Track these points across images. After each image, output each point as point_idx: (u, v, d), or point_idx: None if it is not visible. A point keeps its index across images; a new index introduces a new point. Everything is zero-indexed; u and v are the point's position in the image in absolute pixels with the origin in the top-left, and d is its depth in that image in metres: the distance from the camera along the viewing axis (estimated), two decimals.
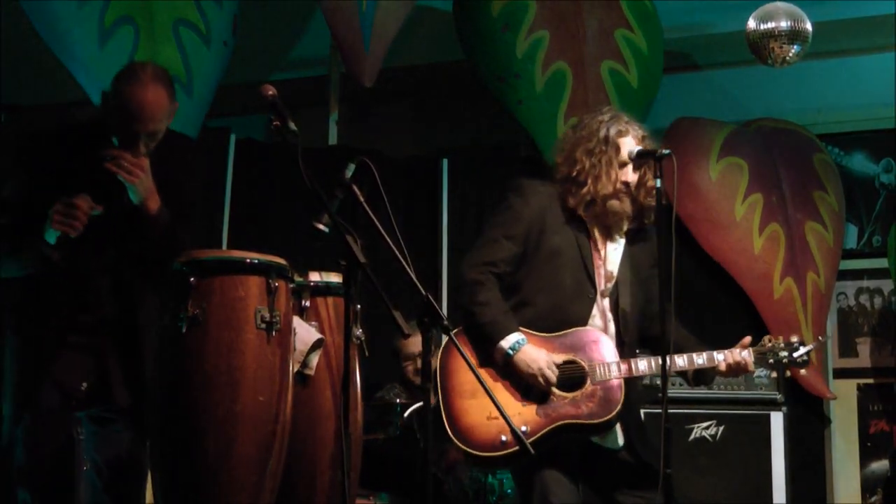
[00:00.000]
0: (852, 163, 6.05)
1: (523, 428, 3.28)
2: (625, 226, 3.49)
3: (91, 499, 3.22)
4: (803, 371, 3.58)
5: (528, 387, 3.34)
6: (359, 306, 3.14)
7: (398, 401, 4.79)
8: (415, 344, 4.93)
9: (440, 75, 6.39)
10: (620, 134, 3.46)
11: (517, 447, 3.21)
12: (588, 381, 3.34)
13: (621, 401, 3.31)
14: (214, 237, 5.50)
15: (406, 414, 4.50)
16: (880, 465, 5.76)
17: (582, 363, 3.36)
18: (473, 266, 3.41)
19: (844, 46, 5.94)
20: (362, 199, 2.94)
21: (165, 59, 4.93)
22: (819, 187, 5.75)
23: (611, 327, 3.44)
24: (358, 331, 3.19)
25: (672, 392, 4.81)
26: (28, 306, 3.18)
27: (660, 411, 3.20)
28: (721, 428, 5.06)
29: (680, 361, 3.39)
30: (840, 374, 5.88)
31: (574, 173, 3.46)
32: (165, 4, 5.18)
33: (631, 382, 3.40)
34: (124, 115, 3.06)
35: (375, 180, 2.94)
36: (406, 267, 2.89)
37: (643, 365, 3.34)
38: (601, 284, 3.44)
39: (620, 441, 3.40)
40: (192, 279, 2.92)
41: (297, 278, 3.17)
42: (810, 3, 5.21)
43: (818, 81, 5.98)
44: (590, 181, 3.43)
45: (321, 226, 2.89)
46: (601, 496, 3.43)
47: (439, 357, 3.38)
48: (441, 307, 5.14)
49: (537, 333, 3.37)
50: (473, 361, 3.28)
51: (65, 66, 5.20)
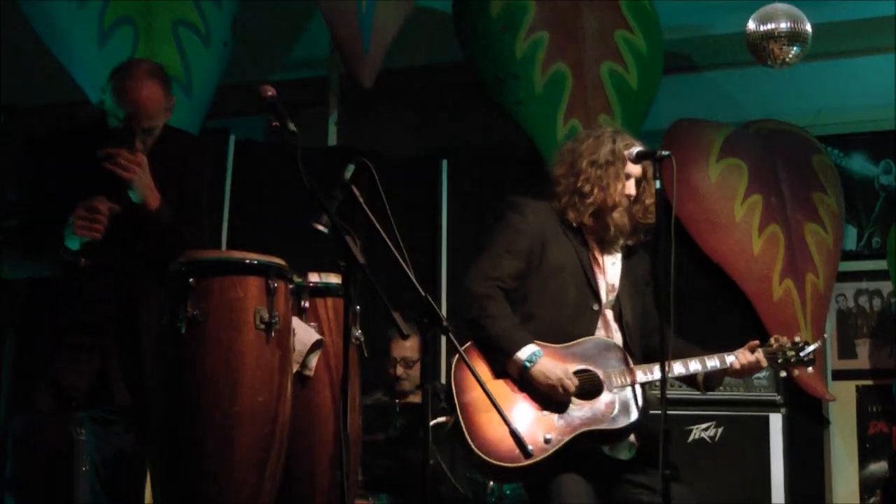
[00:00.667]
0: (852, 164, 6.05)
1: (547, 436, 3.30)
2: (621, 241, 3.53)
3: (90, 499, 3.22)
4: (809, 369, 3.58)
5: (546, 397, 3.34)
6: (358, 307, 3.14)
7: (397, 401, 4.79)
8: (403, 348, 4.93)
9: (440, 76, 6.39)
10: (627, 146, 3.47)
11: (541, 457, 3.26)
12: (605, 389, 3.36)
13: (639, 407, 3.35)
14: (213, 237, 5.50)
15: (431, 425, 4.48)
16: (879, 467, 5.76)
17: (596, 372, 3.37)
18: (480, 280, 3.41)
19: (844, 48, 5.94)
20: (361, 200, 2.94)
21: (165, 60, 4.89)
22: (818, 189, 5.75)
23: (617, 337, 3.47)
24: (357, 332, 3.19)
25: (671, 394, 4.79)
26: (30, 306, 3.17)
27: (659, 413, 3.21)
28: (720, 429, 5.06)
29: (693, 365, 3.42)
30: (839, 376, 5.88)
31: (579, 184, 3.47)
32: (165, 5, 5.18)
33: (645, 389, 3.42)
34: (120, 113, 3.05)
35: (375, 181, 2.94)
36: (405, 267, 2.89)
37: (658, 371, 3.30)
38: (605, 297, 3.47)
39: (632, 452, 3.43)
40: (191, 279, 2.92)
41: (297, 279, 3.17)
42: (810, 5, 5.21)
43: (818, 83, 5.98)
44: (596, 191, 3.44)
45: (320, 226, 2.88)
46: (607, 500, 3.44)
47: (452, 374, 3.39)
48: (440, 308, 5.14)
49: (548, 344, 3.39)
50: (488, 375, 3.34)
51: (64, 67, 5.20)
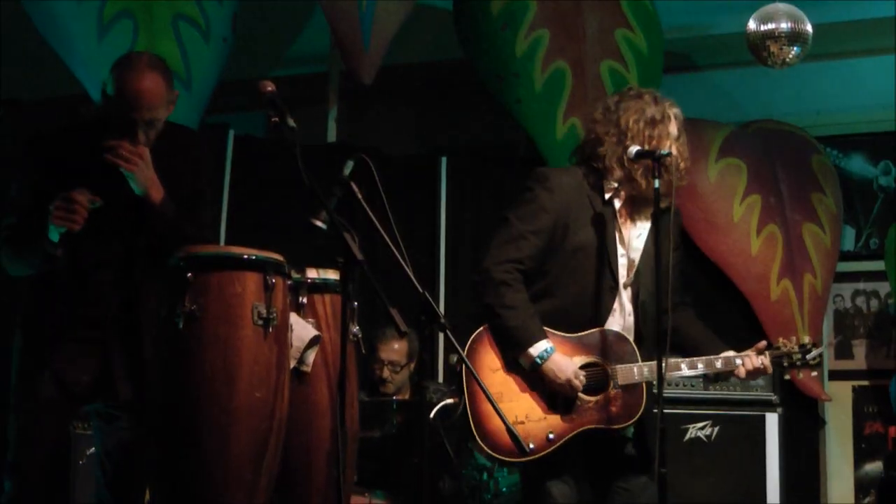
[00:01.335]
0: (851, 165, 6.06)
1: (551, 434, 3.31)
2: (651, 207, 3.42)
3: (94, 494, 3.22)
4: (814, 373, 3.60)
5: (554, 393, 3.34)
6: (356, 304, 3.14)
7: (395, 398, 4.80)
8: (392, 351, 4.93)
9: (440, 74, 6.39)
10: (672, 106, 3.46)
11: (543, 452, 3.28)
12: (611, 385, 3.35)
13: (643, 404, 3.33)
14: (212, 233, 5.49)
15: (434, 413, 4.50)
16: (874, 467, 5.77)
17: (605, 366, 3.36)
18: (499, 264, 3.34)
19: (844, 49, 5.94)
20: (360, 197, 2.94)
21: (164, 55, 4.85)
22: (817, 189, 5.76)
23: (629, 321, 3.42)
24: (355, 328, 3.20)
25: (668, 392, 4.80)
26: (33, 302, 3.17)
27: (656, 412, 3.21)
28: (716, 428, 5.06)
29: (700, 365, 3.40)
30: (835, 376, 5.89)
31: (627, 142, 3.37)
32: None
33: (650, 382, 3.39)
34: (121, 104, 3.05)
35: (374, 178, 2.94)
36: (403, 264, 2.89)
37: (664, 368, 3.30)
38: (623, 276, 3.42)
39: (630, 431, 3.40)
40: (189, 275, 2.91)
41: (295, 275, 3.17)
42: (810, 5, 5.21)
43: (817, 83, 5.99)
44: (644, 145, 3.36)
45: (319, 223, 2.89)
46: (599, 480, 3.44)
47: (465, 353, 3.35)
48: (438, 305, 5.15)
49: (559, 333, 3.35)
50: (500, 364, 3.32)
51: (63, 61, 5.20)
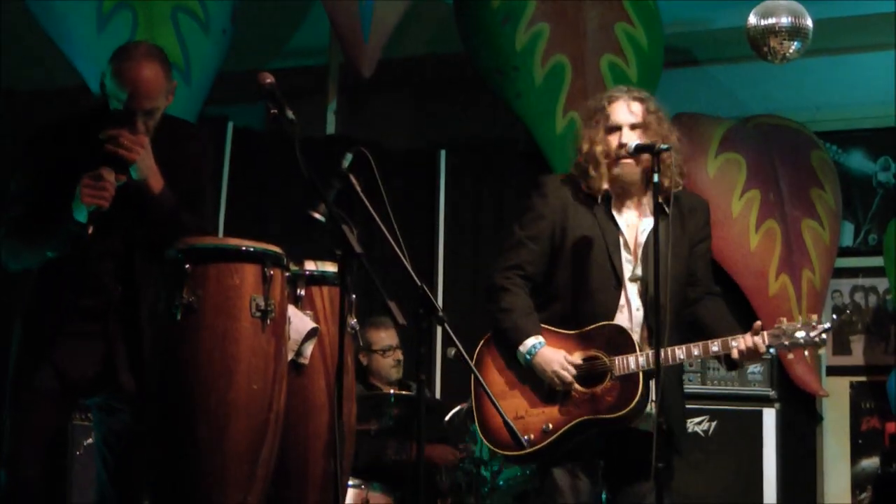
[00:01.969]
0: (850, 161, 6.06)
1: (547, 425, 3.36)
2: (647, 199, 3.46)
3: (95, 488, 3.22)
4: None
5: (549, 387, 3.40)
6: (354, 296, 3.14)
7: (392, 392, 4.79)
8: (390, 336, 4.93)
9: (439, 67, 6.38)
10: (611, 100, 3.48)
11: (540, 445, 3.35)
12: (608, 377, 3.36)
13: (639, 393, 3.32)
14: (211, 225, 5.49)
15: (450, 416, 4.51)
16: (871, 463, 5.78)
17: (604, 358, 3.37)
18: (499, 271, 3.50)
19: (844, 44, 5.93)
20: (359, 190, 2.94)
21: (163, 47, 4.89)
22: (816, 185, 5.76)
23: (637, 316, 3.43)
24: (353, 320, 3.19)
25: None
26: (34, 294, 3.16)
27: (665, 401, 3.21)
28: (714, 423, 5.07)
29: (695, 351, 3.38)
30: (833, 372, 5.90)
31: (583, 154, 3.47)
32: None
33: (666, 373, 3.34)
34: (120, 94, 3.03)
35: (373, 171, 2.94)
36: (402, 258, 2.89)
37: (660, 357, 3.29)
38: (627, 272, 3.43)
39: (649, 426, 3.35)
40: (187, 266, 2.91)
41: (293, 267, 3.17)
42: (811, 0, 5.21)
43: (817, 79, 5.98)
44: (586, 147, 3.45)
45: (317, 215, 2.88)
46: (620, 478, 3.45)
47: (475, 357, 3.48)
48: (436, 298, 5.14)
49: (561, 331, 3.42)
50: (502, 363, 3.45)
51: (62, 53, 5.19)
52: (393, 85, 6.42)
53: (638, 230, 3.46)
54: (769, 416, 5.06)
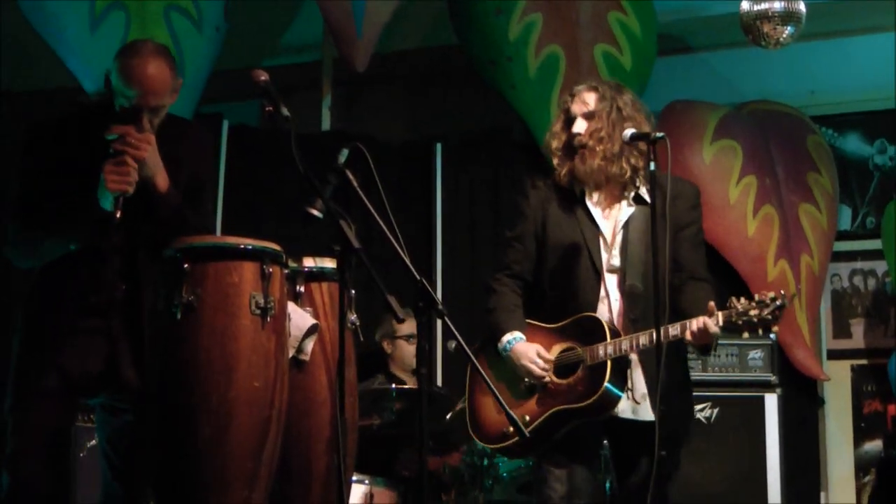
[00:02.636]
0: (846, 144, 6.05)
1: (525, 418, 3.41)
2: (622, 188, 3.48)
3: (103, 489, 3.22)
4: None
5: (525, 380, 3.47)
6: (353, 291, 3.14)
7: (394, 386, 4.79)
8: (411, 325, 4.93)
9: (433, 60, 6.37)
10: (574, 94, 3.56)
11: (515, 438, 3.40)
12: (581, 367, 3.39)
13: (605, 381, 3.32)
14: (212, 222, 5.49)
15: (450, 416, 4.53)
16: (874, 446, 5.79)
17: (578, 349, 3.41)
18: (492, 272, 3.62)
19: (838, 27, 5.93)
20: (356, 185, 2.94)
21: None
22: (813, 169, 5.75)
23: (617, 307, 3.45)
24: (352, 316, 3.19)
25: None
26: (38, 291, 3.14)
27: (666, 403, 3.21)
28: (716, 410, 5.08)
29: (657, 336, 3.33)
30: (834, 356, 5.90)
31: (544, 149, 3.60)
32: None
33: (648, 361, 3.36)
34: (127, 91, 3.02)
35: (369, 165, 2.94)
36: (400, 252, 2.89)
37: (625, 344, 3.33)
38: (605, 263, 3.46)
39: (650, 415, 3.35)
40: (186, 265, 2.91)
41: (292, 264, 3.17)
42: None
43: (812, 63, 5.98)
44: (550, 142, 3.55)
45: (315, 211, 2.88)
46: (620, 469, 3.49)
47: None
48: (435, 292, 5.14)
49: (543, 325, 3.48)
50: (488, 362, 3.52)
51: (55, 53, 5.18)
52: (387, 79, 6.41)
53: (615, 220, 3.49)
54: (771, 402, 5.05)
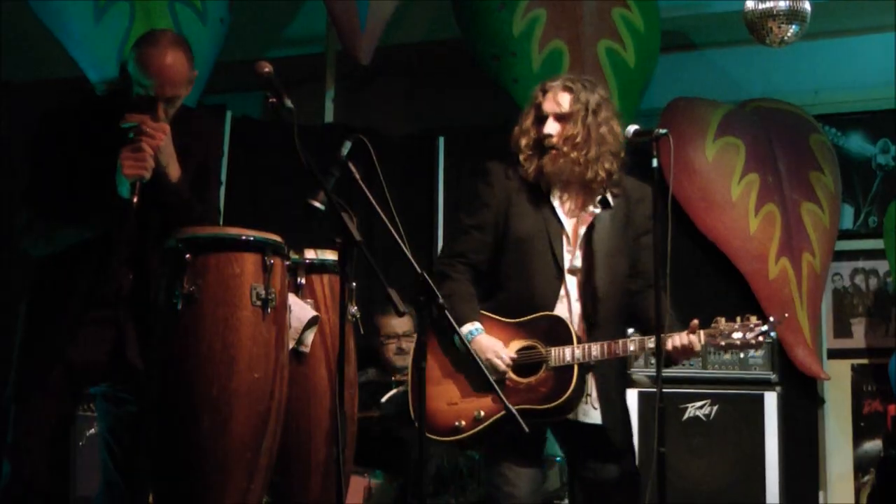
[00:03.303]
0: (849, 143, 6.04)
1: (479, 413, 3.35)
2: (588, 189, 3.44)
3: (103, 478, 3.22)
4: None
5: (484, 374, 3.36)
6: (354, 284, 3.14)
7: (393, 378, 4.80)
8: (399, 324, 4.93)
9: (437, 53, 6.37)
10: (546, 89, 3.48)
11: (469, 432, 3.36)
12: (543, 367, 3.35)
13: (572, 386, 3.30)
14: (218, 214, 5.49)
15: (384, 400, 4.51)
16: (873, 445, 5.79)
17: (540, 349, 3.36)
18: (442, 257, 3.53)
19: (842, 27, 5.92)
20: (358, 177, 2.94)
21: None
22: (815, 168, 5.75)
23: (576, 308, 3.42)
24: (353, 308, 3.20)
25: (666, 372, 4.79)
26: (43, 280, 3.14)
27: (655, 391, 3.20)
28: (715, 408, 5.07)
29: (631, 346, 3.35)
30: (834, 355, 5.90)
31: (512, 142, 3.51)
32: None
33: (602, 366, 3.37)
34: (144, 80, 3.02)
35: (371, 158, 2.94)
36: (402, 245, 2.89)
37: (596, 350, 3.32)
38: (567, 263, 3.42)
39: (599, 419, 3.40)
40: (188, 256, 2.92)
41: (293, 255, 3.17)
42: None
43: (816, 62, 5.97)
44: (518, 139, 3.49)
45: (317, 203, 2.88)
46: (578, 465, 3.47)
47: (415, 343, 3.42)
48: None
49: (502, 319, 3.40)
50: (439, 349, 3.44)
51: (59, 42, 5.18)
52: (390, 72, 6.40)
53: (580, 221, 3.45)
54: (770, 400, 5.05)
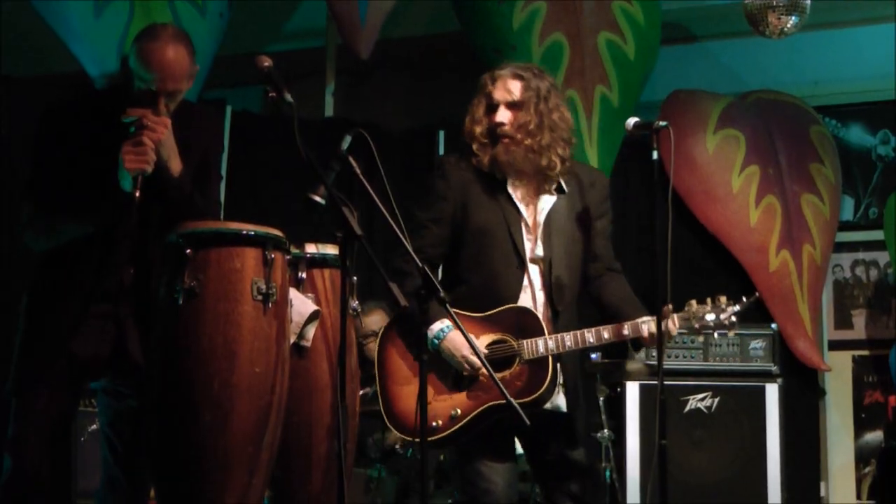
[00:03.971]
0: (849, 135, 6.04)
1: (455, 411, 3.30)
2: (543, 177, 3.40)
3: (104, 473, 3.22)
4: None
5: (457, 372, 3.33)
6: (355, 278, 3.15)
7: None
8: (375, 322, 4.92)
9: (437, 47, 6.37)
10: (495, 77, 3.42)
11: (448, 431, 3.28)
12: (517, 361, 3.31)
13: (549, 378, 3.27)
14: (220, 208, 5.49)
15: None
16: (874, 436, 5.80)
17: (512, 342, 3.32)
18: (401, 255, 3.36)
19: (842, 18, 5.92)
20: (358, 172, 2.94)
21: None
22: (816, 159, 5.75)
23: (540, 297, 3.39)
24: (354, 302, 3.20)
25: (668, 364, 4.82)
26: (44, 274, 3.14)
27: (656, 383, 3.20)
28: (716, 399, 5.08)
29: (606, 334, 3.32)
30: (835, 346, 5.91)
31: (464, 133, 3.45)
32: None
33: (566, 355, 3.36)
34: (145, 74, 3.02)
35: (371, 152, 2.93)
36: (402, 239, 2.89)
37: (569, 340, 3.29)
38: (529, 252, 3.39)
39: (564, 407, 3.38)
40: (188, 251, 2.92)
41: (294, 250, 3.17)
42: None
43: (815, 53, 5.97)
44: (471, 128, 3.43)
45: (317, 198, 2.88)
46: (542, 452, 3.43)
47: (378, 343, 3.42)
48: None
49: (468, 314, 3.34)
50: (402, 349, 3.36)
51: (59, 37, 5.18)
52: (390, 66, 6.41)
53: (537, 209, 3.42)
54: (772, 392, 5.06)
